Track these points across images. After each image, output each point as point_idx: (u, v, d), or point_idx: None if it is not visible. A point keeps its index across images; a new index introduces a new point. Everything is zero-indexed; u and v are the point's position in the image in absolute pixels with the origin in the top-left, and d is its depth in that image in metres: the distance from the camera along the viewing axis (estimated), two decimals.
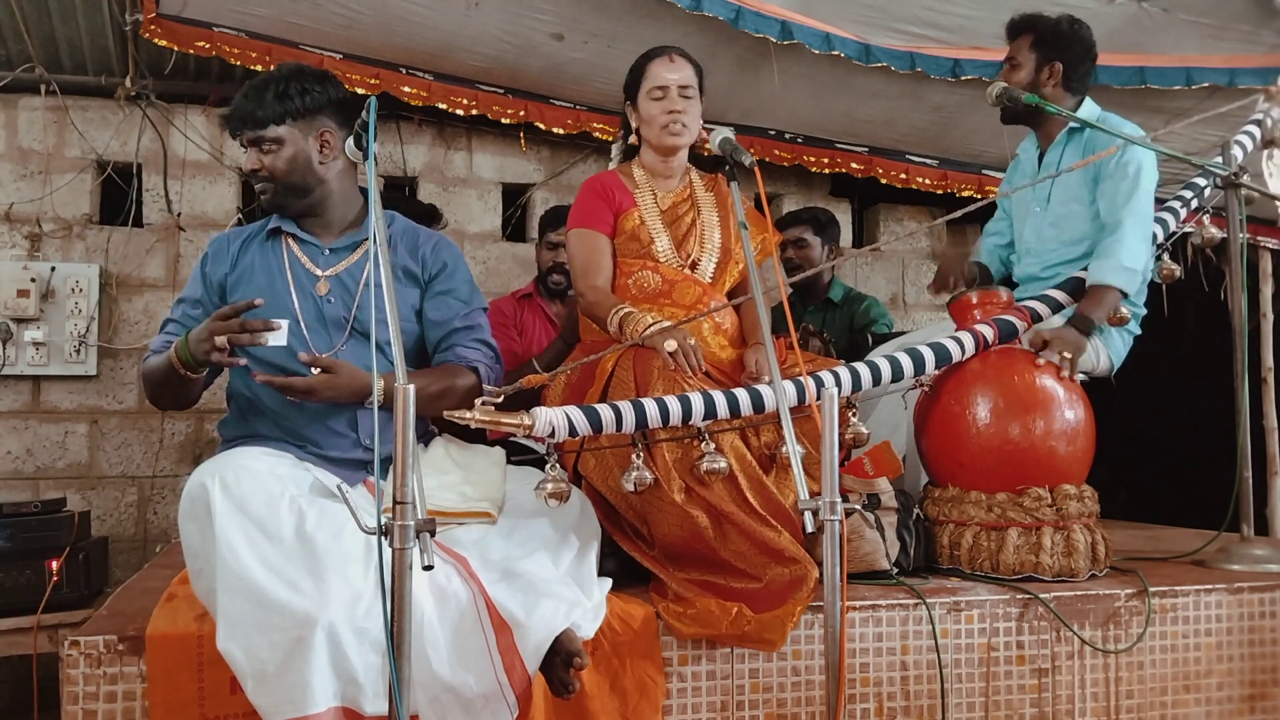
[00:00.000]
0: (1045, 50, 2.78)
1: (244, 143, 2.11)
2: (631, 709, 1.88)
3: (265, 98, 2.06)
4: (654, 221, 2.51)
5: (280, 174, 2.09)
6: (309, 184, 2.11)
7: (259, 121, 2.07)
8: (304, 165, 2.10)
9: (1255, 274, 4.37)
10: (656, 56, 2.51)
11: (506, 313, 3.49)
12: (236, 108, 2.09)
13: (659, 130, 2.48)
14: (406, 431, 1.36)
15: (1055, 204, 2.85)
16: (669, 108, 2.46)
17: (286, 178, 2.09)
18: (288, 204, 2.13)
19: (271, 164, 2.08)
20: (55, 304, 3.76)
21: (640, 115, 2.52)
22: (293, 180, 2.10)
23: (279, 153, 2.08)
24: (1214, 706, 2.26)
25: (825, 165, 4.30)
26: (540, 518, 1.98)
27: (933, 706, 2.08)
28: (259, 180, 2.11)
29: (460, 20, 3.38)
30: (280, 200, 2.12)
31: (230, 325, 1.85)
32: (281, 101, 2.06)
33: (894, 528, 2.30)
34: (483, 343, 2.17)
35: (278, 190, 2.10)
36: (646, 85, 2.49)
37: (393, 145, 4.16)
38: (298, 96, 2.07)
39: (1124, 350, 2.83)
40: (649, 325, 2.25)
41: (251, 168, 2.11)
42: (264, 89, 2.07)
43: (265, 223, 2.19)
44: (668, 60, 2.49)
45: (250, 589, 1.62)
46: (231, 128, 2.13)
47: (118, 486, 3.86)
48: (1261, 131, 2.83)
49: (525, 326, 3.48)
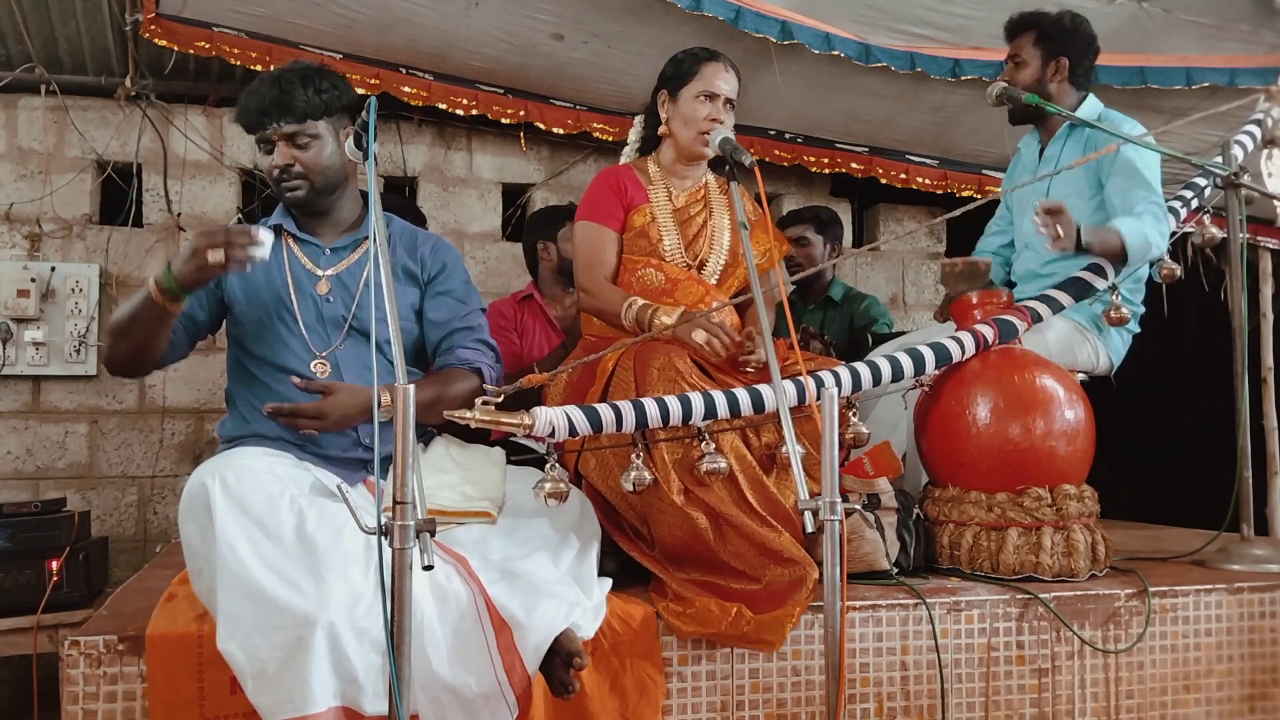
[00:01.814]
0: (1050, 46, 2.78)
1: (274, 136, 2.03)
2: (631, 709, 1.88)
3: (300, 91, 2.00)
4: (665, 219, 2.49)
5: (317, 170, 2.05)
6: (337, 183, 2.10)
7: (298, 114, 2.01)
8: (338, 163, 2.07)
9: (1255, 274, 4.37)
10: (712, 60, 2.45)
11: (507, 315, 3.49)
12: (266, 99, 2.00)
13: (695, 135, 2.43)
14: (406, 431, 1.36)
15: (1054, 198, 2.85)
16: (712, 115, 2.41)
17: (323, 175, 2.06)
18: (314, 202, 2.09)
19: (311, 160, 2.03)
20: (55, 304, 3.76)
21: (679, 111, 2.46)
22: (329, 178, 2.07)
23: (318, 148, 2.04)
24: (1214, 706, 2.26)
25: (825, 165, 4.29)
26: (540, 517, 1.98)
27: (933, 706, 2.08)
28: (292, 177, 2.04)
29: (460, 20, 3.38)
30: (310, 198, 2.07)
31: (215, 238, 1.79)
32: (320, 95, 2.01)
33: (894, 528, 2.29)
34: (483, 343, 2.17)
35: (312, 187, 2.06)
36: (697, 85, 2.43)
37: (393, 145, 4.16)
38: (330, 91, 2.04)
39: (1124, 350, 2.83)
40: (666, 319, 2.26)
41: (284, 163, 2.03)
42: (292, 83, 2.00)
43: (264, 222, 2.15)
44: (723, 69, 2.44)
45: (250, 589, 1.62)
46: (258, 120, 2.03)
47: (118, 486, 3.86)
48: (1261, 131, 2.83)
49: (525, 329, 3.48)
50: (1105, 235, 2.48)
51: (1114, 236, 2.48)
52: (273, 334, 2.05)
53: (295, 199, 2.08)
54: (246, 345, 2.07)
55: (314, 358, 2.04)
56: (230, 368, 2.13)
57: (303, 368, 2.03)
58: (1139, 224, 2.51)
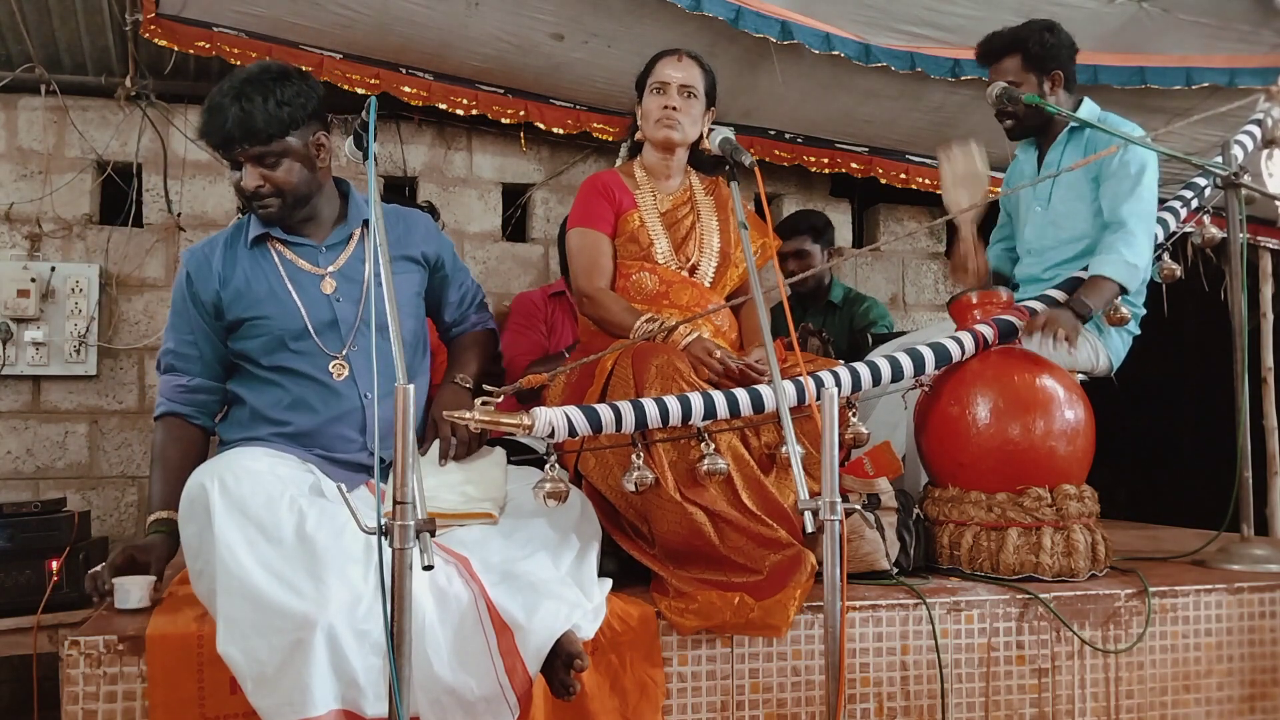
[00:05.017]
0: (1041, 64, 2.78)
1: (242, 159, 1.97)
2: (631, 709, 1.88)
3: (262, 108, 1.92)
4: (654, 224, 2.51)
5: (289, 188, 1.99)
6: (311, 192, 2.06)
7: (261, 136, 1.93)
8: (308, 175, 2.02)
9: (1255, 274, 4.38)
10: (667, 55, 2.54)
11: (539, 306, 3.46)
12: (229, 120, 1.91)
13: (653, 124, 2.50)
14: (406, 431, 1.36)
15: (1056, 202, 2.85)
16: (665, 103, 2.48)
17: (295, 191, 2.00)
18: (288, 217, 2.05)
19: (282, 178, 1.98)
20: (55, 304, 3.75)
21: (643, 110, 2.54)
22: (300, 192, 2.02)
23: (287, 165, 1.98)
24: (1214, 706, 2.26)
25: (825, 165, 4.29)
26: (541, 518, 1.98)
27: (933, 706, 2.08)
28: (263, 197, 1.99)
29: (460, 20, 3.38)
30: (283, 214, 2.03)
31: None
32: (282, 109, 1.93)
33: (894, 528, 2.29)
34: (482, 304, 2.41)
35: (284, 204, 2.01)
36: (651, 80, 2.52)
37: (393, 145, 4.16)
38: (295, 101, 1.96)
39: (1124, 350, 2.83)
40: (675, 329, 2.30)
41: (255, 186, 1.97)
42: (252, 99, 1.91)
43: (239, 229, 2.11)
44: (676, 59, 2.51)
45: (249, 591, 1.61)
46: (224, 144, 1.95)
47: (118, 486, 3.86)
48: (1261, 131, 2.83)
49: (555, 324, 3.46)
50: (1100, 291, 2.53)
51: (1106, 284, 2.54)
52: (285, 344, 2.03)
53: (269, 216, 2.04)
54: (256, 357, 2.05)
55: (330, 359, 2.04)
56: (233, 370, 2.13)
57: (319, 372, 2.02)
58: (1114, 256, 2.56)
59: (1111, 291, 2.54)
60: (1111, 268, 2.54)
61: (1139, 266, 2.56)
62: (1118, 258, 2.54)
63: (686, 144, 2.54)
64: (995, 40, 2.83)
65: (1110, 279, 2.53)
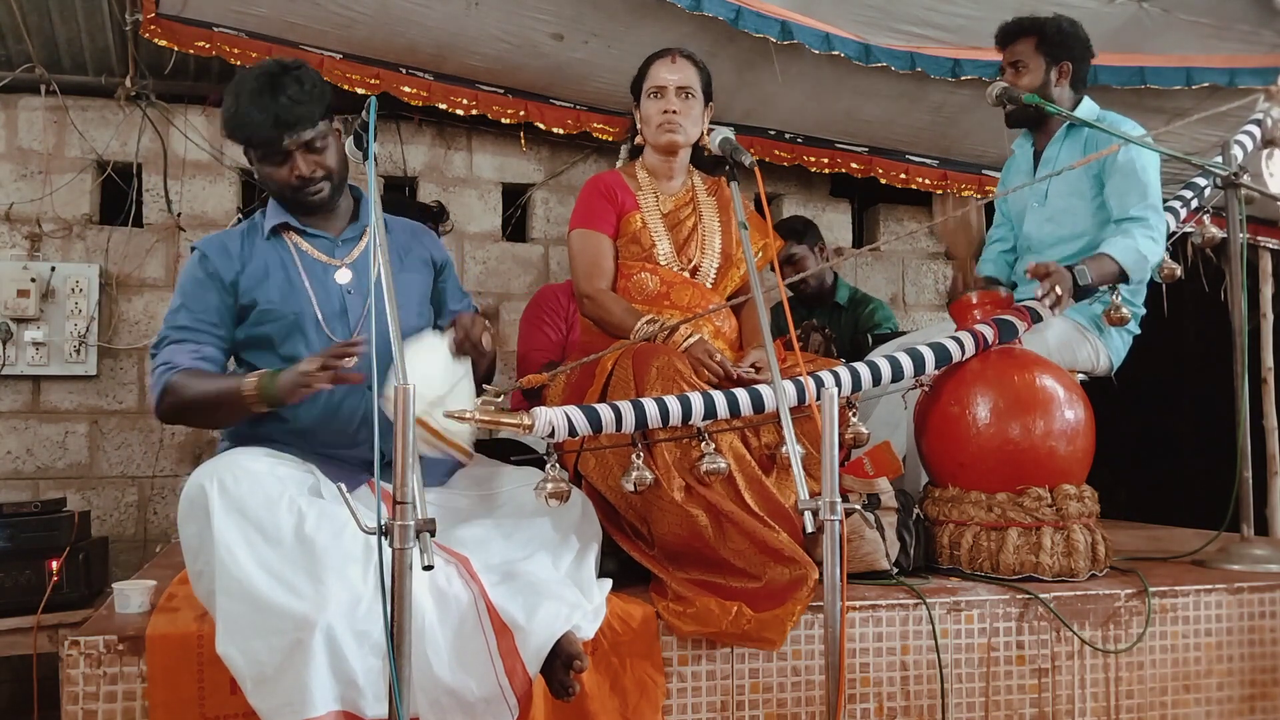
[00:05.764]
0: (1053, 51, 2.79)
1: (292, 148, 1.99)
2: (631, 709, 1.88)
3: (300, 94, 1.96)
4: (656, 225, 2.51)
5: (337, 170, 2.06)
6: (346, 176, 2.12)
7: (308, 122, 1.97)
8: (344, 158, 2.07)
9: (1255, 274, 4.37)
10: (660, 57, 2.53)
11: (561, 302, 3.42)
12: (274, 112, 1.93)
13: (654, 129, 2.50)
14: (406, 432, 1.36)
15: (1054, 198, 2.85)
16: (664, 107, 2.48)
17: (340, 172, 2.07)
18: (334, 200, 2.09)
19: (330, 161, 2.03)
20: (55, 304, 3.75)
21: (642, 114, 2.54)
22: (343, 174, 2.09)
23: (333, 147, 2.05)
24: (1214, 706, 2.26)
25: (825, 165, 4.29)
26: (541, 518, 1.98)
27: (933, 706, 2.08)
28: (316, 181, 2.02)
29: (460, 20, 3.37)
30: (332, 196, 2.07)
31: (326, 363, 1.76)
32: (314, 95, 1.99)
33: (894, 528, 2.30)
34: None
35: (333, 187, 2.06)
36: (647, 85, 2.52)
37: (393, 145, 4.16)
38: (320, 86, 2.02)
39: (1124, 350, 2.83)
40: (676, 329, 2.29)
41: (309, 172, 2.00)
42: (286, 88, 1.95)
43: (254, 222, 2.13)
44: (669, 61, 2.51)
45: (248, 592, 1.61)
46: (272, 137, 1.96)
47: (118, 486, 3.86)
48: (1261, 131, 2.83)
49: (575, 320, 3.43)
50: (1101, 265, 2.50)
51: (1110, 263, 2.51)
52: (297, 335, 2.03)
53: (321, 201, 2.06)
54: (263, 346, 2.04)
55: None
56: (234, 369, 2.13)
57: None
58: (1129, 241, 2.54)
59: (1112, 270, 2.50)
60: (1120, 250, 2.51)
61: (1147, 258, 2.54)
62: (1131, 243, 2.52)
63: (689, 145, 2.55)
64: (1016, 22, 2.84)
65: (1115, 259, 2.50)
